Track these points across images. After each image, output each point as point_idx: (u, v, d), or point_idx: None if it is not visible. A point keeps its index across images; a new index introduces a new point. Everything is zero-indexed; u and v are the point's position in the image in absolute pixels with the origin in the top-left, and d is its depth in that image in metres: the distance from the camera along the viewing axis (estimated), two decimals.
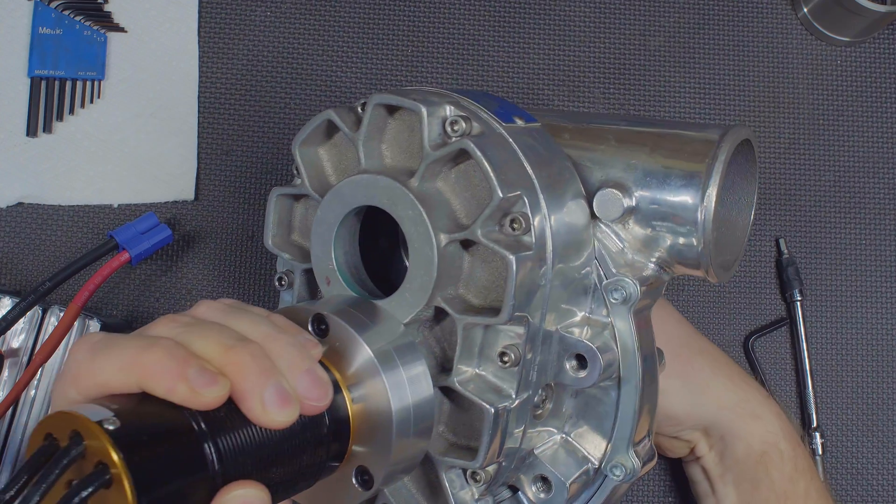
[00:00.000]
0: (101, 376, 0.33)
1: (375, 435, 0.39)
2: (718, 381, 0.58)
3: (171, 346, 0.33)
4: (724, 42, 0.71)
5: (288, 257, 0.49)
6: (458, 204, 0.44)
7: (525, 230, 0.42)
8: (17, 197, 0.67)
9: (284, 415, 0.34)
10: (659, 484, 0.66)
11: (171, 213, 0.67)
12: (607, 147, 0.47)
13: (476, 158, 0.41)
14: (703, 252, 0.45)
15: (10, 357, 0.60)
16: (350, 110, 0.46)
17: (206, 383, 0.32)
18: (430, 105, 0.43)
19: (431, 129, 0.43)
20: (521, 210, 0.42)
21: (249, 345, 0.34)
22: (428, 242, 0.42)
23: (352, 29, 0.71)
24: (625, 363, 0.46)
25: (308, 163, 0.48)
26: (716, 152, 0.45)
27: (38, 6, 0.69)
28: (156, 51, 0.69)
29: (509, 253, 0.41)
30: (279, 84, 0.70)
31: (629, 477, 0.47)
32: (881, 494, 0.66)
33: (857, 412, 0.67)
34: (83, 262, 0.62)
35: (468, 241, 0.42)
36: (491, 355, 0.43)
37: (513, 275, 0.41)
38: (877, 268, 0.68)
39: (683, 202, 0.45)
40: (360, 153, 0.44)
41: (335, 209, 0.45)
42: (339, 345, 0.39)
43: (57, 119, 0.68)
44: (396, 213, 0.42)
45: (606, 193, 0.45)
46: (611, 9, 0.71)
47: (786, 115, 0.70)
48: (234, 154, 0.69)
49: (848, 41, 0.70)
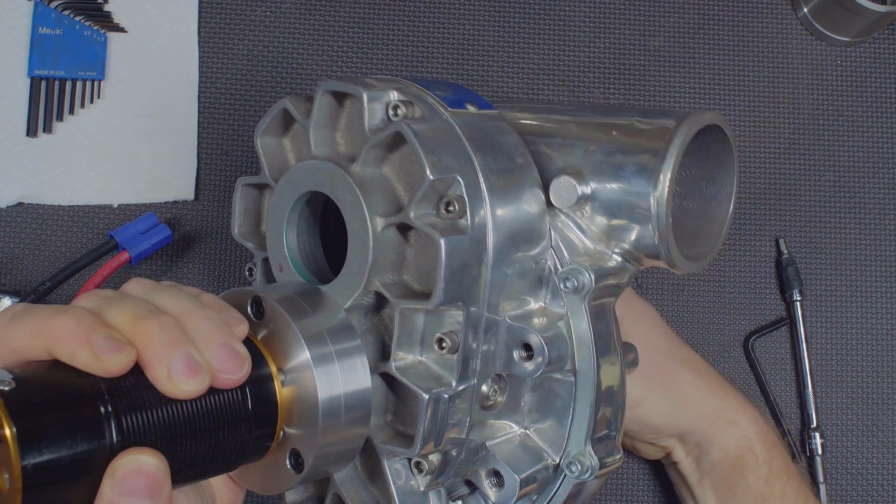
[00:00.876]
0: (13, 342, 0.33)
1: (304, 418, 0.39)
2: (699, 391, 0.58)
3: (82, 314, 0.33)
4: (724, 42, 0.71)
5: (251, 246, 0.49)
6: (402, 189, 0.44)
7: (460, 214, 0.41)
8: (17, 197, 0.67)
9: (191, 384, 0.33)
10: (651, 484, 0.66)
11: (171, 213, 0.67)
12: (567, 135, 0.46)
13: (409, 140, 0.41)
14: (659, 243, 0.43)
15: None
16: (307, 99, 0.46)
17: (110, 350, 0.32)
18: (371, 90, 0.43)
19: (373, 114, 0.43)
20: (456, 193, 0.41)
21: (161, 316, 0.35)
22: (364, 226, 0.42)
23: (352, 29, 0.71)
24: (580, 355, 0.45)
25: (269, 153, 0.48)
26: (671, 137, 0.43)
27: (38, 6, 0.69)
28: (156, 51, 0.69)
29: (439, 235, 0.40)
30: (279, 84, 0.70)
31: (587, 474, 0.45)
32: (881, 494, 0.66)
33: (857, 412, 0.67)
34: (83, 262, 0.62)
35: (408, 225, 0.42)
36: (430, 342, 0.43)
37: (442, 257, 0.40)
38: (876, 268, 0.69)
39: (638, 190, 0.43)
40: (311, 140, 0.45)
41: (286, 195, 0.46)
42: (275, 327, 0.40)
43: (57, 119, 0.68)
44: (337, 197, 0.43)
45: (561, 181, 0.44)
46: (611, 9, 0.71)
47: (786, 115, 0.70)
48: (234, 154, 0.69)
49: (848, 41, 0.70)
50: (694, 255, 0.46)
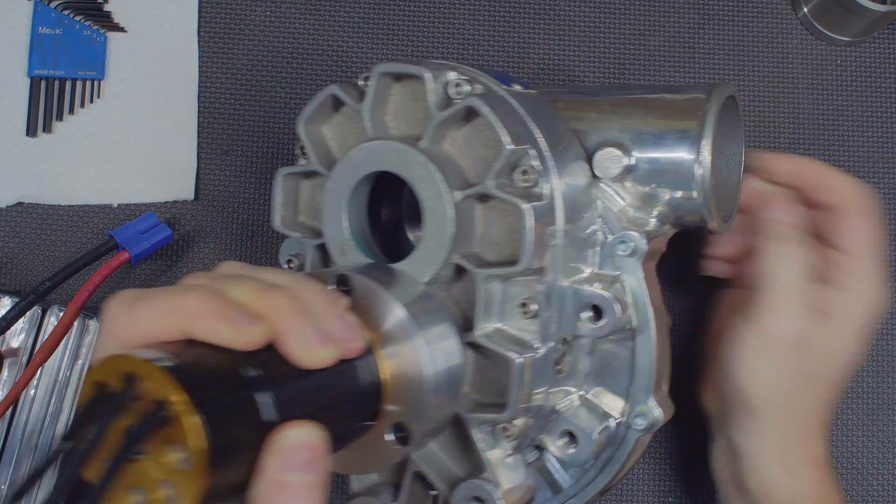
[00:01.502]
0: (142, 324, 0.32)
1: (409, 393, 0.38)
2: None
3: (209, 291, 0.33)
4: (724, 42, 0.71)
5: (298, 236, 0.49)
6: (466, 165, 0.45)
7: (535, 183, 0.44)
8: (17, 197, 0.67)
9: (326, 353, 0.33)
10: (659, 484, 0.66)
11: (171, 213, 0.67)
12: (601, 112, 0.49)
13: (483, 113, 0.43)
14: (702, 204, 0.48)
15: (9, 357, 0.60)
16: (352, 86, 0.47)
17: (248, 322, 0.32)
18: (432, 69, 0.44)
19: (436, 93, 0.44)
20: (529, 162, 0.44)
21: (282, 288, 0.34)
22: (442, 200, 0.43)
23: (352, 29, 0.71)
24: (637, 314, 0.47)
25: (314, 141, 0.49)
26: (706, 107, 0.47)
27: (38, 6, 0.69)
28: (156, 51, 0.69)
29: (524, 202, 0.42)
30: (279, 84, 0.70)
31: (652, 427, 0.48)
32: (881, 494, 0.66)
33: (857, 412, 0.67)
34: (83, 262, 0.62)
35: (481, 196, 0.44)
36: (511, 309, 0.44)
37: (530, 223, 0.42)
38: None
39: (680, 158, 0.47)
40: (367, 123, 0.46)
41: (346, 178, 0.46)
42: (366, 303, 0.39)
43: (57, 119, 0.68)
44: (408, 174, 0.44)
45: (606, 152, 0.48)
46: (611, 9, 0.71)
47: (786, 115, 0.70)
48: (234, 154, 0.69)
49: (848, 41, 0.70)
50: (722, 216, 0.50)
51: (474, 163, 0.45)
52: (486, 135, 0.44)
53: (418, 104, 0.46)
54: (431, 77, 0.44)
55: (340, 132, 0.49)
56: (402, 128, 0.47)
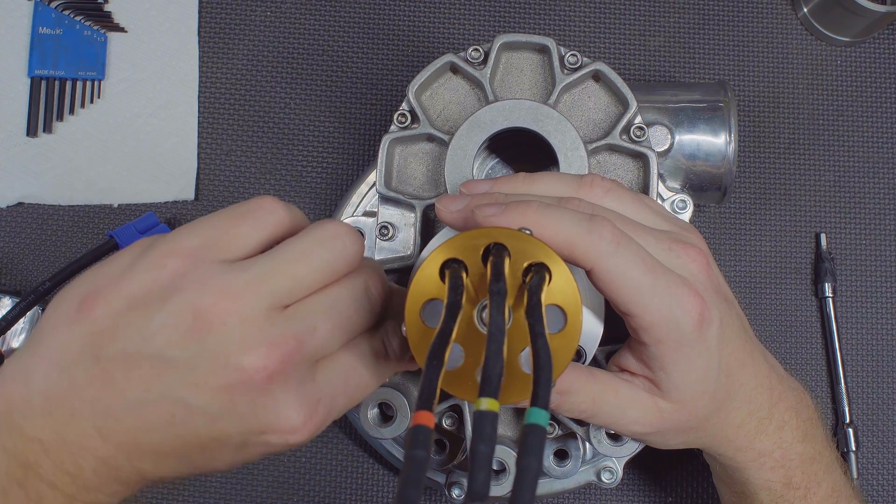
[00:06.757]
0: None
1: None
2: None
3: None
4: (724, 42, 0.71)
5: (403, 197, 0.53)
6: (578, 122, 0.53)
7: (645, 140, 0.51)
8: (17, 197, 0.67)
9: None
10: (659, 483, 0.66)
11: (171, 213, 0.67)
12: (638, 98, 0.55)
13: (611, 77, 0.52)
14: (726, 174, 0.58)
15: (9, 357, 0.60)
16: (461, 59, 0.53)
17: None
18: (550, 41, 0.52)
19: (559, 59, 0.52)
20: (639, 123, 0.52)
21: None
22: (578, 148, 0.50)
23: (352, 29, 0.71)
24: None
25: (425, 107, 0.53)
26: (727, 94, 0.59)
27: (38, 6, 0.69)
28: (156, 51, 0.69)
29: (652, 151, 0.51)
30: (279, 84, 0.70)
31: None
32: (881, 494, 0.66)
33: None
34: (83, 262, 0.61)
35: (602, 148, 0.52)
36: None
37: (655, 168, 0.51)
38: (876, 268, 0.68)
39: (711, 139, 0.58)
40: (487, 89, 0.52)
41: (474, 136, 0.51)
42: None
43: (57, 119, 0.68)
44: (543, 128, 0.50)
45: (657, 129, 0.57)
46: (611, 9, 0.71)
47: (786, 115, 0.70)
48: (234, 154, 0.69)
49: (848, 41, 0.70)
50: None
51: (583, 124, 0.52)
52: (594, 99, 0.53)
53: (524, 76, 0.53)
54: (554, 44, 0.51)
55: (438, 102, 0.53)
56: (507, 92, 0.53)
